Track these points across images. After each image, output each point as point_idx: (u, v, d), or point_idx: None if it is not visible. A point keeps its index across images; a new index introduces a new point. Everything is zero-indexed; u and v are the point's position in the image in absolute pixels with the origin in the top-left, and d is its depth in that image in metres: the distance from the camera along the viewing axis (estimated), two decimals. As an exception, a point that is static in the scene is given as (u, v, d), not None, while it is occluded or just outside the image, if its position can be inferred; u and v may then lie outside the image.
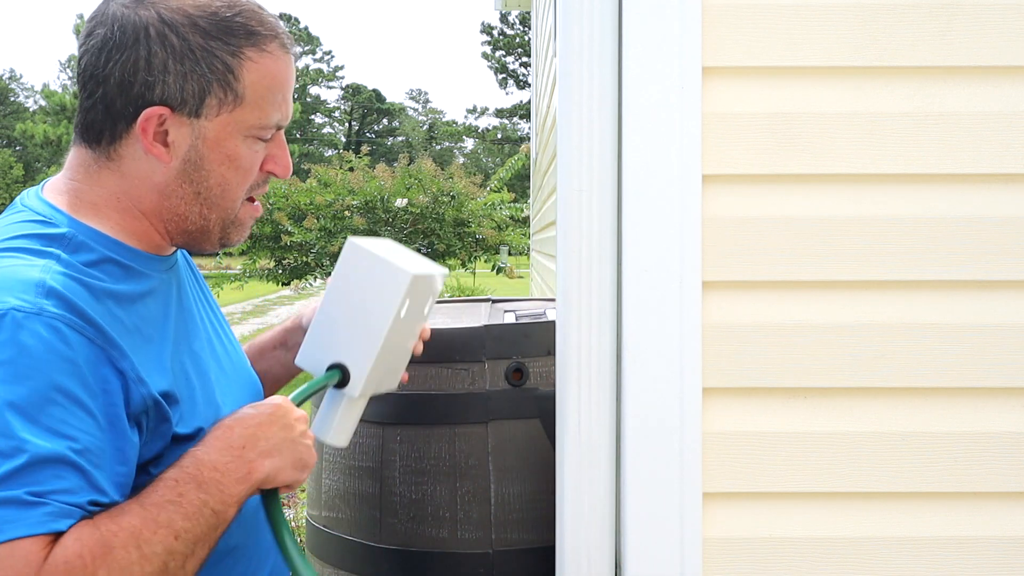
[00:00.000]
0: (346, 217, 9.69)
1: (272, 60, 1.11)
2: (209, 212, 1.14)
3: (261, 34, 1.11)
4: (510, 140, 61.97)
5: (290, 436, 1.11)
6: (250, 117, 1.11)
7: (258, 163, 1.15)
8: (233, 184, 1.13)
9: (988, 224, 1.38)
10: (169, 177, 1.11)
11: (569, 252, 1.41)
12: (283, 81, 1.13)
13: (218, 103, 1.09)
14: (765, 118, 1.39)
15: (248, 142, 1.12)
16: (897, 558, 1.40)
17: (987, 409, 1.40)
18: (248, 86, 1.09)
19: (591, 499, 1.42)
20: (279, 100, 1.13)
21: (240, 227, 1.18)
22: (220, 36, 1.08)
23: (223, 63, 1.08)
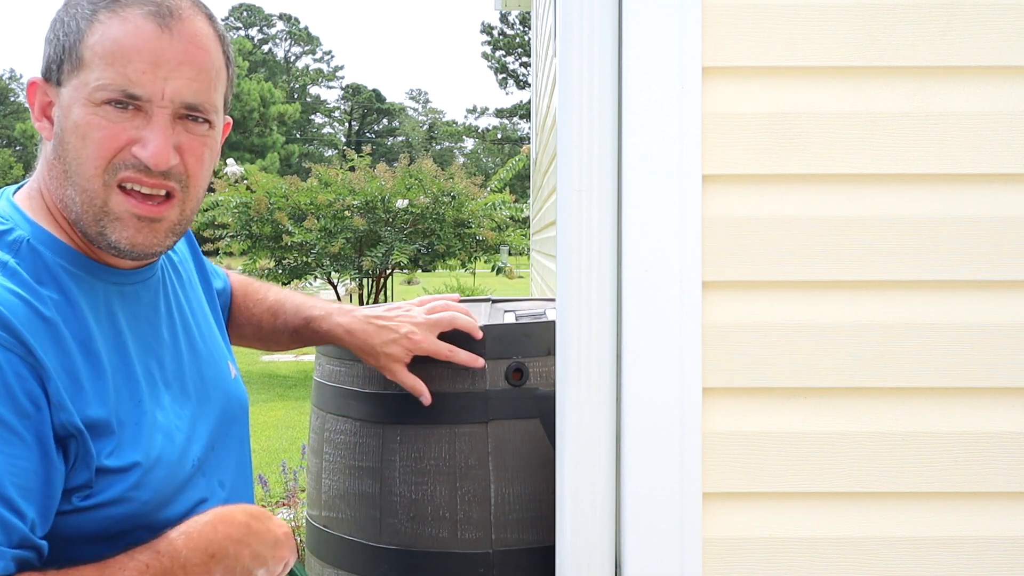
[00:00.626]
0: (346, 217, 9.69)
1: (120, 22, 1.03)
2: (75, 194, 1.04)
3: (121, 1, 1.04)
4: (510, 140, 61.97)
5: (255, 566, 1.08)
6: (90, 79, 1.02)
7: (115, 137, 1.03)
8: (84, 157, 1.02)
9: (988, 224, 1.38)
10: (49, 154, 1.06)
11: (569, 252, 1.41)
12: (130, 46, 1.02)
13: (69, 68, 1.04)
14: (765, 118, 1.39)
15: (97, 110, 1.02)
16: (897, 558, 1.40)
17: (987, 409, 1.40)
18: (87, 47, 1.03)
19: (591, 499, 1.42)
20: (124, 64, 1.02)
21: (118, 223, 1.05)
22: (83, 3, 1.05)
23: (76, 27, 1.04)
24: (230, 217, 9.73)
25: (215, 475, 1.18)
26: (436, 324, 1.53)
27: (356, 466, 1.83)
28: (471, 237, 10.07)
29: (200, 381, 1.20)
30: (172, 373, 1.16)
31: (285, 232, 9.47)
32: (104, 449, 1.01)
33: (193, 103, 1.06)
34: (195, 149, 1.08)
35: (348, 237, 9.55)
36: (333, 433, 1.89)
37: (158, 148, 1.03)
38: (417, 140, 71.38)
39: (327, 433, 1.91)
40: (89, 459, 1.00)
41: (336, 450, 1.88)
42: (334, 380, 1.92)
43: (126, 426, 1.04)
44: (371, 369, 1.82)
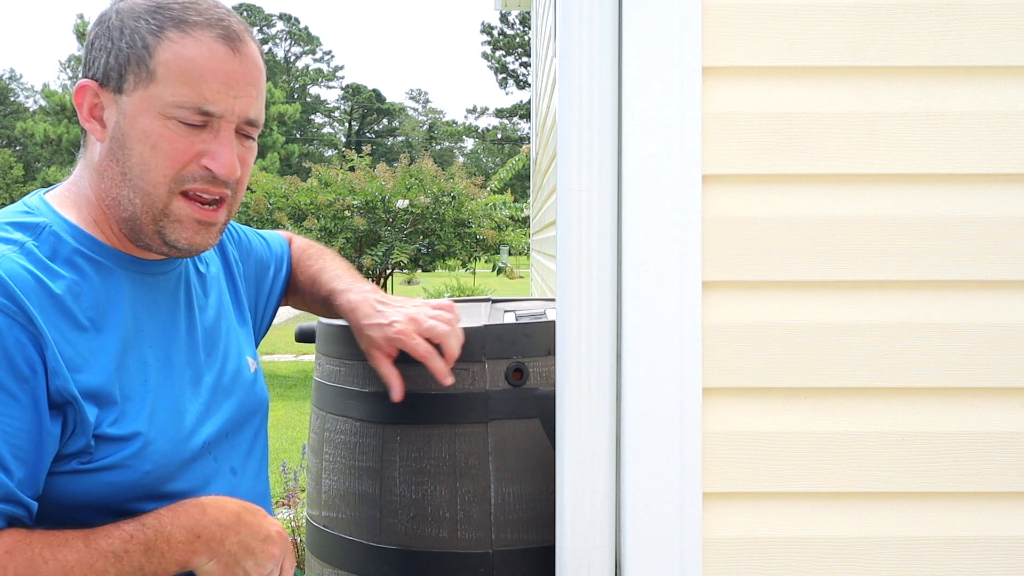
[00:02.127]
0: (346, 217, 9.69)
1: (194, 43, 1.11)
2: (134, 196, 1.12)
3: (192, 20, 1.12)
4: (510, 140, 61.98)
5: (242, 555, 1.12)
6: (164, 94, 1.10)
7: (186, 150, 1.12)
8: (152, 165, 1.11)
9: (988, 224, 1.38)
10: (103, 156, 1.14)
11: (569, 252, 1.41)
12: (204, 67, 1.11)
13: (134, 79, 1.11)
14: (765, 118, 1.39)
15: (169, 123, 1.11)
16: (897, 558, 1.40)
17: (987, 409, 1.40)
18: (161, 63, 1.11)
19: (591, 499, 1.42)
20: (199, 85, 1.11)
21: (177, 224, 1.14)
22: (148, 17, 1.12)
23: (142, 40, 1.11)
24: (230, 217, 9.74)
25: (227, 461, 1.24)
26: (418, 323, 1.53)
27: (356, 466, 1.83)
28: (471, 237, 10.07)
29: (218, 373, 1.27)
30: (186, 360, 1.21)
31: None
32: (107, 418, 1.07)
33: (253, 119, 1.17)
34: (247, 159, 1.19)
35: (348, 237, 9.56)
36: (333, 433, 1.90)
37: (229, 161, 1.14)
38: (417, 140, 71.38)
39: (327, 433, 1.91)
40: (86, 426, 1.06)
41: (336, 450, 1.88)
42: (334, 380, 1.92)
43: (131, 400, 1.10)
44: (371, 369, 1.82)
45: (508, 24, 56.95)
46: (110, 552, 1.01)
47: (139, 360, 1.14)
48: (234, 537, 1.11)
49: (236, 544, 1.11)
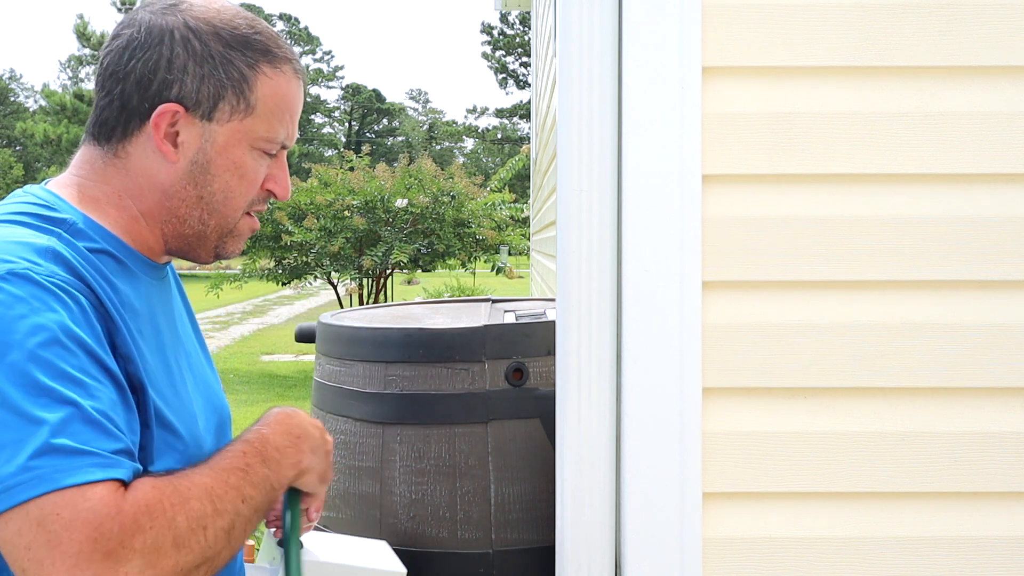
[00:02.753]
0: (346, 217, 9.68)
1: (284, 80, 1.16)
2: (209, 218, 1.16)
3: (277, 55, 1.16)
4: (510, 140, 61.98)
5: (325, 448, 1.20)
6: (259, 128, 1.14)
7: (261, 177, 1.17)
8: (236, 193, 1.16)
9: (988, 224, 1.38)
10: (175, 177, 1.14)
11: (569, 252, 1.41)
12: (292, 102, 1.17)
13: (230, 109, 1.12)
14: (765, 118, 1.39)
15: (254, 154, 1.15)
16: (897, 558, 1.40)
17: (987, 409, 1.40)
18: (260, 98, 1.14)
19: (591, 499, 1.42)
20: (287, 119, 1.17)
21: (237, 239, 1.20)
22: (239, 48, 1.14)
23: (239, 72, 1.13)
24: (230, 217, 9.73)
25: None
26: None
27: (356, 466, 1.83)
28: (471, 237, 10.06)
29: (207, 382, 1.27)
30: (188, 366, 1.23)
31: (285, 232, 9.46)
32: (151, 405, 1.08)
33: None
34: None
35: (348, 237, 9.55)
36: (333, 433, 1.89)
37: (288, 185, 1.21)
38: (417, 140, 71.35)
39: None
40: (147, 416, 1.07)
41: (336, 450, 1.88)
42: (334, 380, 1.92)
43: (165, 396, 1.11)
44: (371, 369, 1.83)
45: (508, 24, 56.95)
46: (236, 468, 1.05)
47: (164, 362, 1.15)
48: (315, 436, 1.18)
49: (318, 443, 1.18)
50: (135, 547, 0.92)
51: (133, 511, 0.93)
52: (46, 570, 0.89)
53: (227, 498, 1.02)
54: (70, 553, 0.89)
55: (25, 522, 0.89)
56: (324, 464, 1.19)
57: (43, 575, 0.89)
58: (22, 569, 0.90)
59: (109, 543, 0.90)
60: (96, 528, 0.90)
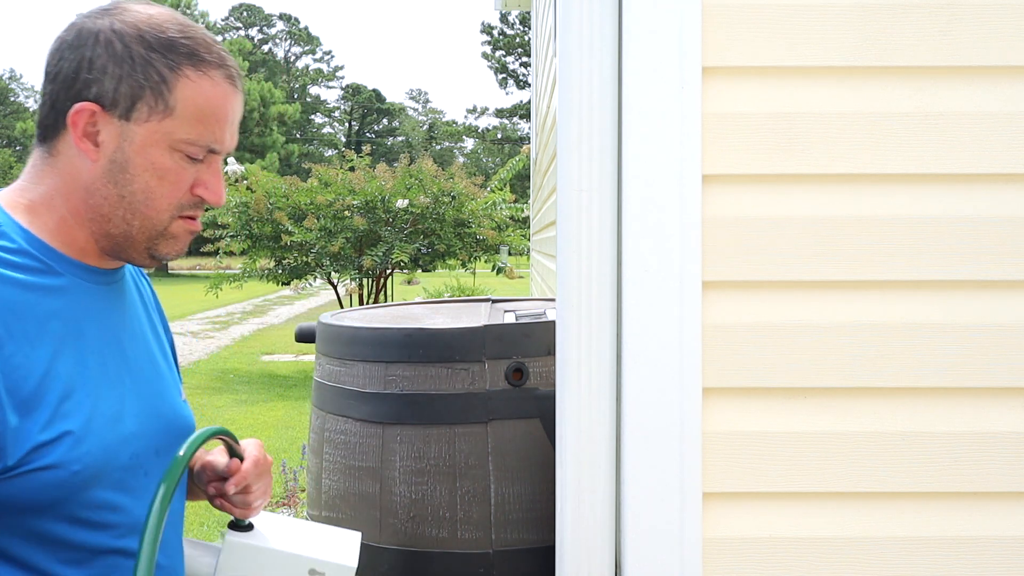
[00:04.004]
0: (346, 217, 9.68)
1: (210, 84, 1.16)
2: (132, 218, 1.17)
3: (205, 59, 1.16)
4: (510, 140, 61.99)
5: None
6: (179, 130, 1.15)
7: (186, 181, 1.17)
8: (157, 194, 1.16)
9: (988, 224, 1.38)
10: (95, 175, 1.16)
11: (569, 252, 1.41)
12: (219, 107, 1.17)
13: (148, 110, 1.14)
14: (765, 118, 1.39)
15: (175, 156, 1.16)
16: (897, 558, 1.40)
17: (987, 409, 1.40)
18: (180, 100, 1.14)
19: (591, 499, 1.42)
20: (212, 124, 1.17)
21: (172, 240, 1.21)
22: (161, 50, 1.15)
23: (159, 73, 1.14)
24: (230, 217, 9.73)
25: (157, 477, 1.24)
26: None
27: (356, 466, 1.83)
28: (471, 237, 10.06)
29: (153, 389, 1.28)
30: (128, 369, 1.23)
31: (285, 232, 9.46)
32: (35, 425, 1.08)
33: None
34: None
35: (348, 237, 9.55)
36: (333, 433, 1.89)
37: (221, 191, 1.21)
38: (417, 140, 71.35)
39: (327, 433, 1.91)
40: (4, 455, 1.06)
41: (336, 450, 1.88)
42: (334, 380, 1.92)
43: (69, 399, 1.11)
44: (371, 369, 1.83)
45: (508, 24, 56.94)
46: None
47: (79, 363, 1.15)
48: None
49: None
50: None
51: None
52: None
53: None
54: None
55: None
56: None
57: None
58: None
59: None
60: None
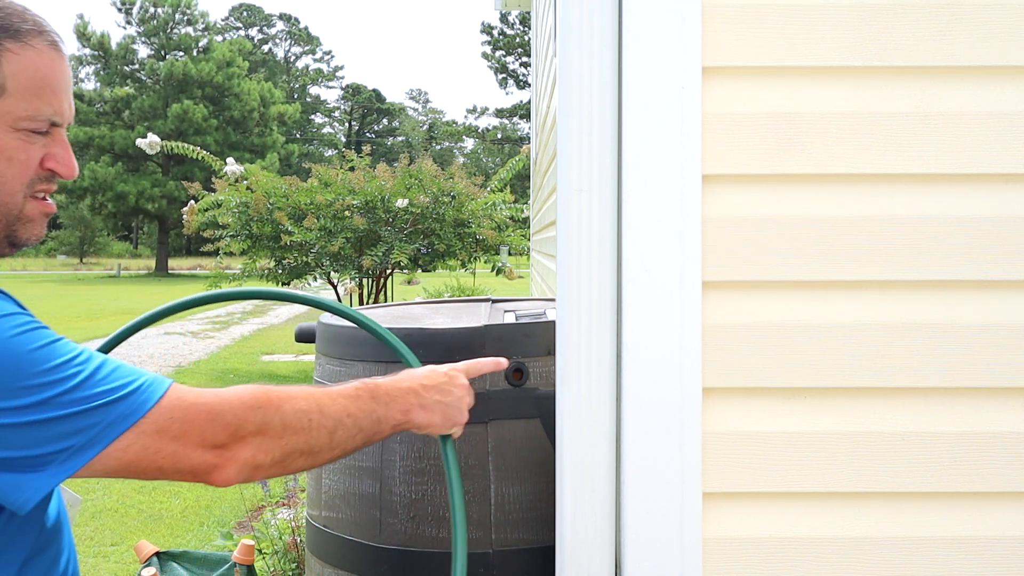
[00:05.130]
0: (346, 217, 9.67)
1: (35, 53, 1.12)
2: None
3: (22, 29, 1.12)
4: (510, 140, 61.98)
5: (445, 400, 1.35)
6: (16, 108, 1.10)
7: (35, 158, 1.14)
8: (7, 177, 1.12)
9: (988, 224, 1.38)
10: None
11: (569, 252, 1.41)
12: (50, 76, 1.13)
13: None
14: (765, 118, 1.39)
15: (19, 135, 1.11)
16: (897, 558, 1.40)
17: (987, 409, 1.40)
18: (8, 76, 1.10)
19: (591, 499, 1.42)
20: (47, 94, 1.13)
21: (30, 224, 1.17)
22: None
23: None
24: (230, 217, 9.72)
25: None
26: None
27: (356, 466, 1.83)
28: (471, 237, 10.05)
29: None
30: None
31: (285, 232, 9.45)
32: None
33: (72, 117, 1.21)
34: None
35: (348, 237, 9.54)
36: (333, 433, 1.89)
37: (72, 163, 1.18)
38: (417, 140, 71.35)
39: (327, 433, 1.91)
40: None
41: (336, 450, 1.88)
42: (334, 380, 1.92)
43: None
44: (371, 369, 1.82)
45: (508, 24, 56.93)
46: (346, 394, 1.23)
47: None
48: (433, 393, 1.34)
49: (436, 399, 1.34)
50: (248, 419, 1.11)
51: (239, 402, 1.12)
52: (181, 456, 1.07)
53: (332, 408, 1.20)
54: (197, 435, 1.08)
55: (146, 438, 1.05)
56: (442, 416, 1.34)
57: (180, 459, 1.07)
58: (158, 467, 1.07)
59: (225, 416, 1.10)
60: (210, 413, 1.09)
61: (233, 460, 1.11)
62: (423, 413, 1.32)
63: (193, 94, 41.16)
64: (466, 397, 1.39)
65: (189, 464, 1.09)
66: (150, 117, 40.17)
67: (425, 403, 1.32)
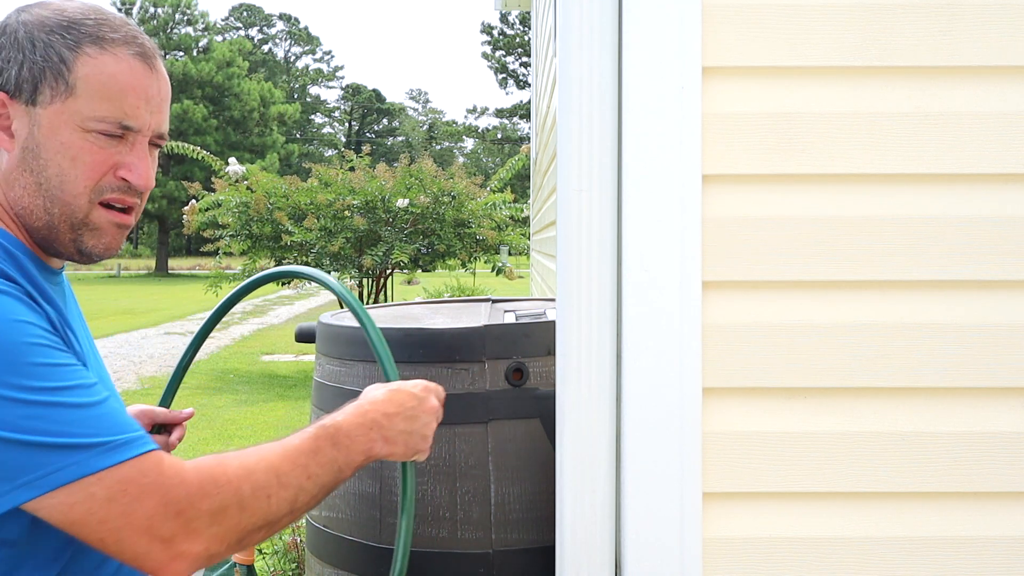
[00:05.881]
0: (346, 217, 9.67)
1: (113, 59, 1.14)
2: (51, 206, 1.15)
3: (108, 37, 1.15)
4: (510, 140, 62.00)
5: (409, 428, 1.27)
6: (84, 108, 1.13)
7: (104, 162, 1.15)
8: (71, 177, 1.14)
9: (988, 224, 1.38)
10: (12, 165, 1.15)
11: (569, 252, 1.41)
12: (125, 82, 1.15)
13: (51, 92, 1.12)
14: (765, 118, 1.39)
15: (88, 136, 1.13)
16: (897, 558, 1.40)
17: (987, 409, 1.40)
18: (80, 78, 1.13)
19: (591, 499, 1.42)
20: (119, 99, 1.14)
21: (96, 232, 1.18)
22: (61, 32, 1.14)
23: (58, 54, 1.12)
24: (230, 217, 9.72)
25: None
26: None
27: (356, 466, 1.83)
28: (471, 237, 10.05)
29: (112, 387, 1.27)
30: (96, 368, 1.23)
31: (285, 232, 9.45)
32: None
33: (163, 133, 1.23)
34: (153, 169, 1.24)
35: (348, 237, 9.54)
36: (333, 433, 1.89)
37: (145, 172, 1.18)
38: (417, 140, 71.36)
39: (327, 433, 1.91)
40: None
41: (336, 450, 1.88)
42: (334, 380, 1.92)
43: None
44: (371, 369, 1.82)
45: (508, 24, 56.93)
46: (306, 450, 1.15)
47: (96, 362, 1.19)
48: (398, 421, 1.26)
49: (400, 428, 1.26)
50: (202, 509, 1.02)
51: (198, 479, 1.03)
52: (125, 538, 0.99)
53: (292, 474, 1.12)
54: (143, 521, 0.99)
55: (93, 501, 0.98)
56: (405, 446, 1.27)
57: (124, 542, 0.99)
58: (101, 540, 1.00)
59: (179, 505, 1.01)
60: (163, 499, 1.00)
61: (183, 557, 1.02)
62: (385, 446, 1.25)
63: (193, 94, 41.17)
64: (432, 422, 1.32)
65: (133, 551, 1.00)
66: (150, 117, 39.98)
67: (388, 435, 1.25)
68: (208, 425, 7.35)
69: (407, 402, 1.29)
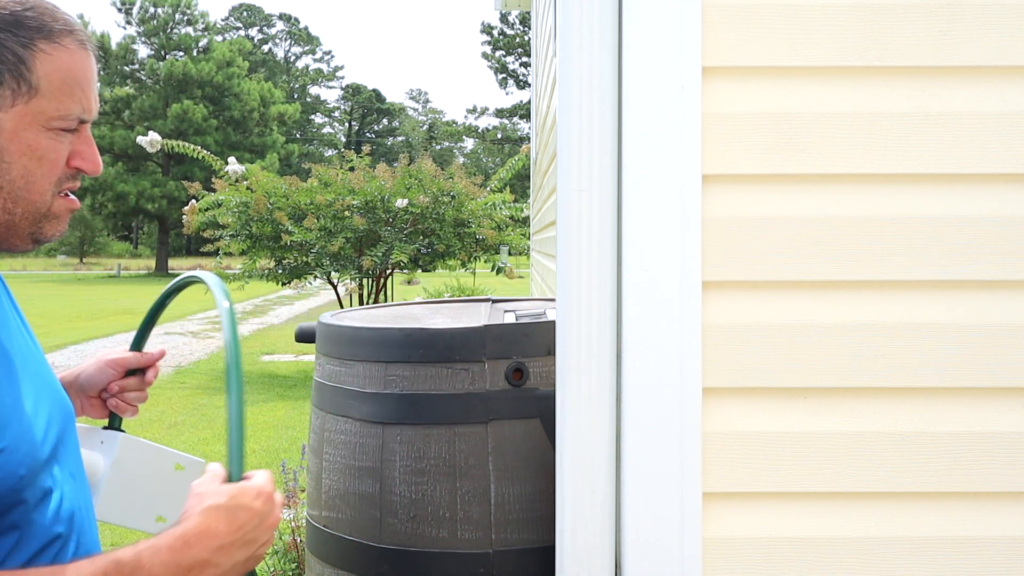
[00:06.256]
0: (346, 217, 9.67)
1: (67, 53, 1.12)
2: (15, 206, 1.13)
3: (54, 28, 1.12)
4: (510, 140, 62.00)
5: (247, 555, 1.07)
6: (48, 108, 1.11)
7: (63, 156, 1.14)
8: (37, 176, 1.13)
9: (988, 224, 1.38)
10: None
11: (569, 252, 1.41)
12: (80, 74, 1.14)
13: (12, 94, 1.09)
14: (765, 118, 1.39)
15: (50, 134, 1.12)
16: (897, 558, 1.40)
17: (987, 409, 1.40)
18: (42, 77, 1.10)
19: (591, 499, 1.42)
20: (78, 93, 1.13)
21: (55, 220, 1.18)
22: (9, 29, 1.10)
23: (14, 54, 1.09)
24: (230, 217, 9.72)
25: (67, 466, 1.20)
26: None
27: (356, 466, 1.83)
28: (471, 237, 10.05)
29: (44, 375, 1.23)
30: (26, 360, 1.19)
31: (285, 232, 9.46)
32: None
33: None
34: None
35: (348, 237, 9.54)
36: (333, 433, 1.89)
37: (97, 160, 1.18)
38: (417, 140, 71.38)
39: (327, 433, 1.91)
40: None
41: (336, 450, 1.88)
42: (334, 380, 1.92)
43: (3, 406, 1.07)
44: (371, 369, 1.83)
45: (508, 24, 56.95)
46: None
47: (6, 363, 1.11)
48: (235, 550, 1.05)
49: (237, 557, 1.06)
50: None
51: None
52: None
53: None
54: None
55: None
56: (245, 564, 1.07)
57: None
58: None
59: None
60: None
61: None
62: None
63: (193, 94, 41.18)
64: (271, 538, 1.11)
65: None
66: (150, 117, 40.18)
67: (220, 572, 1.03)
68: (208, 425, 7.36)
69: (247, 523, 1.06)
